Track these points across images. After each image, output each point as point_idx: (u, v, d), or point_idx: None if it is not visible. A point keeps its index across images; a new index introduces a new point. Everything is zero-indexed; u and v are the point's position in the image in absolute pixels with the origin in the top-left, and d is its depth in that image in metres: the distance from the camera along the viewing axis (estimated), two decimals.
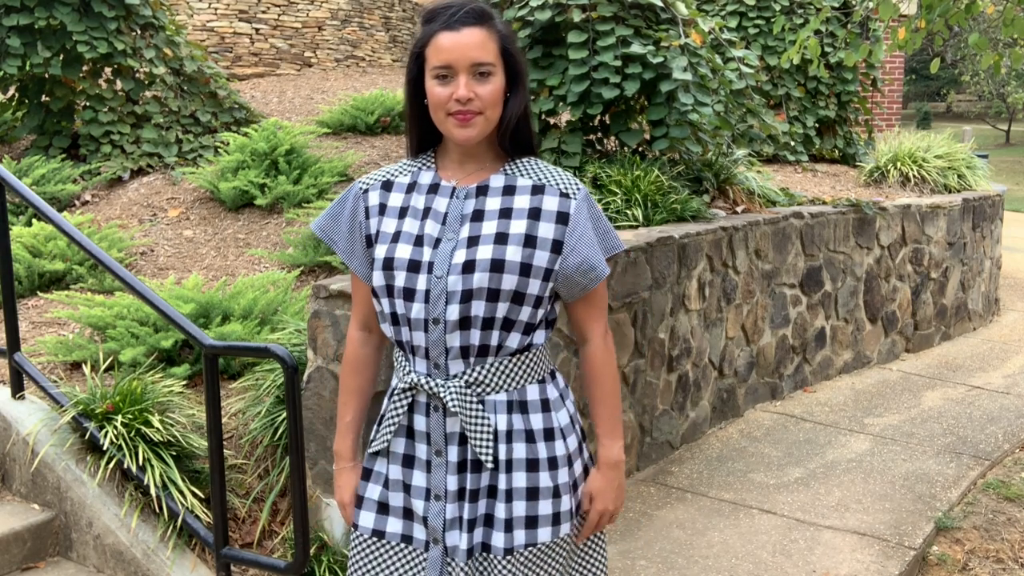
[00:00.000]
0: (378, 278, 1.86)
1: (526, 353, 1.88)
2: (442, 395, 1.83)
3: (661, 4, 5.17)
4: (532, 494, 1.86)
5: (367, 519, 1.93)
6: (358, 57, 9.77)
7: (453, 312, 1.80)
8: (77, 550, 3.23)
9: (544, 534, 1.87)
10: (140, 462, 3.11)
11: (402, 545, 1.91)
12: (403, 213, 1.88)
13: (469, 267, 1.79)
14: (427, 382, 1.85)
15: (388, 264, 1.85)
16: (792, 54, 5.03)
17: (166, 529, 3.10)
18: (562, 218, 1.85)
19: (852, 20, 6.02)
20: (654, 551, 3.55)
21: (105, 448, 3.15)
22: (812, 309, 5.72)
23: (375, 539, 1.93)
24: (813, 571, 3.43)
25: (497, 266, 1.79)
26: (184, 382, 3.58)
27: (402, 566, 1.91)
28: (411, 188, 1.91)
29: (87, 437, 3.25)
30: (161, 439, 3.17)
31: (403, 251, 1.84)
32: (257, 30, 9.08)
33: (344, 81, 8.77)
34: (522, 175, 1.88)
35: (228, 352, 2.89)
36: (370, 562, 1.94)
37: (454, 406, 1.83)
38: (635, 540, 3.63)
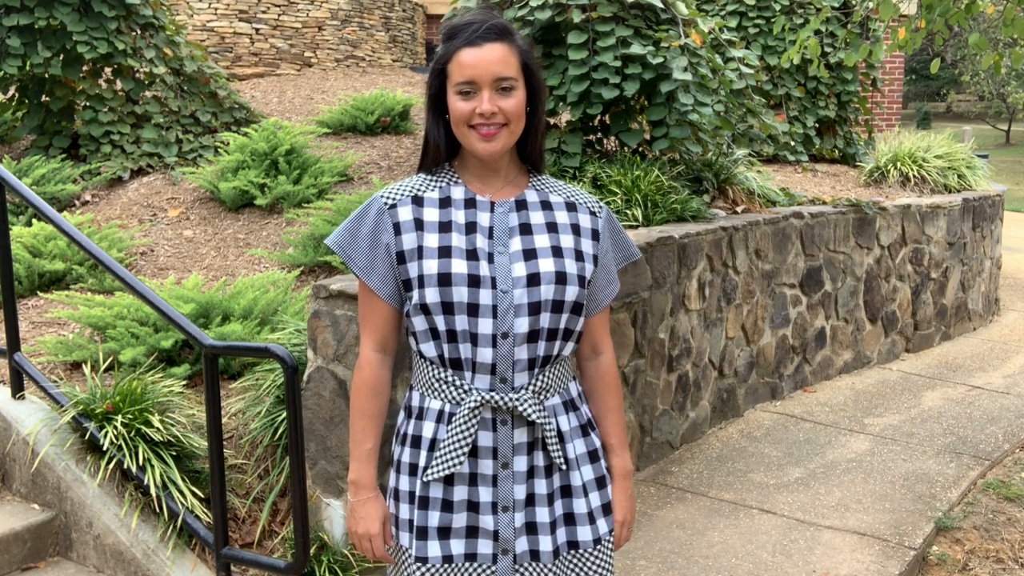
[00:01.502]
0: (432, 295, 1.80)
1: (568, 358, 1.97)
2: (519, 409, 1.83)
3: (661, 4, 5.17)
4: (601, 483, 1.96)
5: (435, 548, 1.86)
6: (358, 57, 9.76)
7: (522, 325, 1.81)
8: (77, 550, 3.23)
9: (611, 520, 1.97)
10: (140, 462, 3.11)
11: (466, 564, 1.88)
12: (445, 228, 1.85)
13: (534, 280, 1.82)
14: (495, 397, 1.82)
15: (445, 280, 1.80)
16: (792, 54, 5.03)
17: (166, 529, 3.10)
18: (595, 235, 1.94)
19: (852, 20, 6.01)
20: (654, 551, 3.55)
21: (105, 448, 3.15)
22: (812, 309, 5.72)
23: (444, 566, 1.87)
24: (813, 571, 3.43)
25: (561, 278, 1.85)
26: (184, 382, 3.58)
27: None
28: (445, 203, 1.88)
29: (87, 437, 3.25)
30: (161, 439, 3.17)
31: (459, 266, 1.81)
32: (257, 30, 9.08)
33: (344, 81, 8.77)
34: (552, 192, 1.95)
35: (228, 352, 2.89)
36: None
37: (535, 417, 1.84)
38: (635, 540, 3.63)
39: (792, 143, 7.63)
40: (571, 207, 1.94)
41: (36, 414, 3.42)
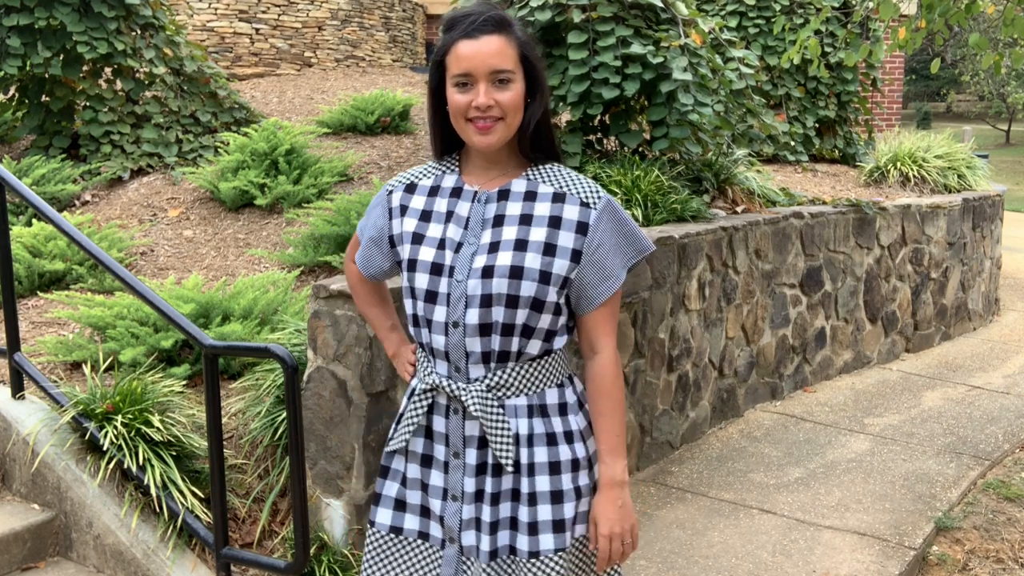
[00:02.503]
0: (404, 279, 1.91)
1: (546, 358, 1.89)
2: (463, 399, 1.84)
3: (661, 4, 5.17)
4: (556, 497, 1.86)
5: (385, 516, 1.96)
6: (358, 57, 9.76)
7: (473, 316, 1.81)
8: (77, 550, 3.23)
9: (567, 538, 1.87)
10: (140, 462, 3.10)
11: (419, 541, 1.93)
12: (426, 216, 1.91)
13: (488, 272, 1.81)
14: (448, 385, 1.86)
15: (412, 266, 1.88)
16: (792, 54, 5.03)
17: (166, 529, 3.10)
18: (581, 228, 1.85)
19: (852, 20, 6.01)
20: (654, 551, 3.55)
21: (105, 448, 3.15)
22: (812, 309, 5.72)
23: (392, 535, 1.95)
24: (813, 571, 3.43)
25: (516, 272, 1.81)
26: (184, 382, 3.58)
27: (418, 562, 1.93)
28: (434, 191, 1.93)
29: (87, 437, 3.25)
30: (161, 439, 3.17)
31: (426, 254, 1.86)
32: (257, 30, 9.08)
33: (344, 81, 8.77)
34: (544, 181, 1.89)
35: (228, 352, 2.89)
36: (386, 557, 1.96)
37: (475, 410, 1.84)
38: None
39: (792, 143, 7.63)
40: (559, 197, 1.86)
41: (36, 414, 3.42)
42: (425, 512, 1.93)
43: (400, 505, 1.95)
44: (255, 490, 3.26)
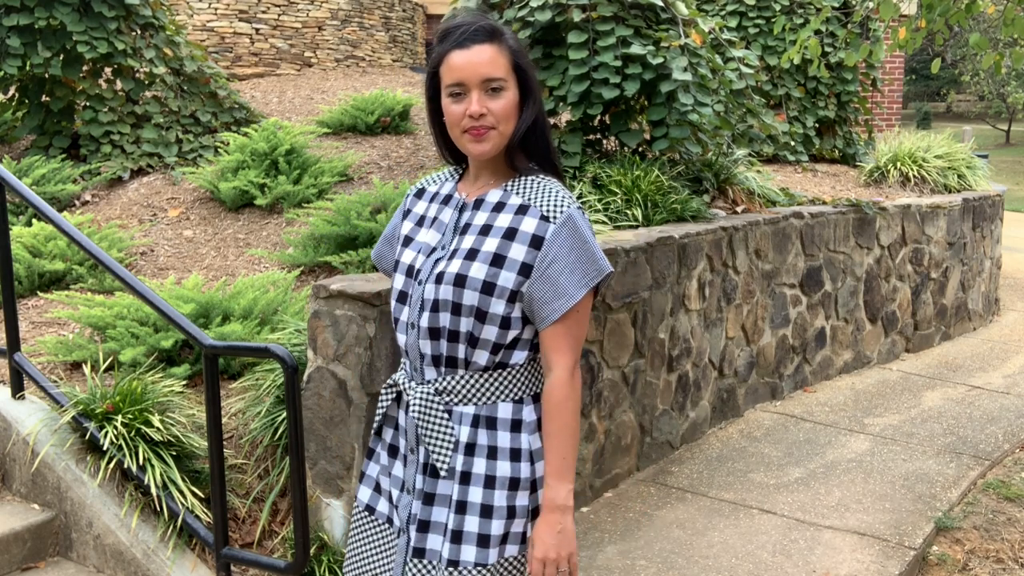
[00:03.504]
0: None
1: (500, 371, 1.87)
2: (408, 398, 1.91)
3: (661, 4, 5.17)
4: (486, 511, 1.83)
5: (364, 493, 2.04)
6: (358, 57, 9.76)
7: (424, 320, 1.87)
8: (77, 550, 3.23)
9: (493, 554, 1.84)
10: (140, 462, 3.11)
11: (386, 525, 2.00)
12: (420, 221, 1.99)
13: (439, 278, 1.86)
14: (404, 383, 1.94)
15: (396, 267, 1.98)
16: (792, 54, 5.03)
17: (166, 529, 3.10)
18: (536, 241, 1.82)
19: (852, 20, 6.01)
20: (654, 551, 3.55)
21: (105, 448, 3.15)
22: (812, 309, 5.72)
23: (366, 513, 2.03)
24: (813, 571, 3.43)
25: (460, 281, 1.83)
26: (184, 382, 3.58)
27: (382, 545, 2.00)
28: (435, 198, 2.00)
29: (87, 437, 3.25)
30: (161, 439, 3.17)
31: (407, 256, 1.95)
32: (257, 30, 9.08)
33: (344, 81, 8.77)
34: (517, 193, 1.89)
35: (228, 352, 2.89)
36: (362, 534, 2.04)
37: (414, 410, 1.90)
38: (635, 540, 3.63)
39: (792, 143, 7.63)
40: (522, 210, 1.85)
41: (36, 414, 3.42)
42: (391, 498, 2.01)
43: (377, 487, 2.03)
44: (255, 490, 3.26)
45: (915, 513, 3.94)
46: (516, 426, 1.87)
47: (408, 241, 1.98)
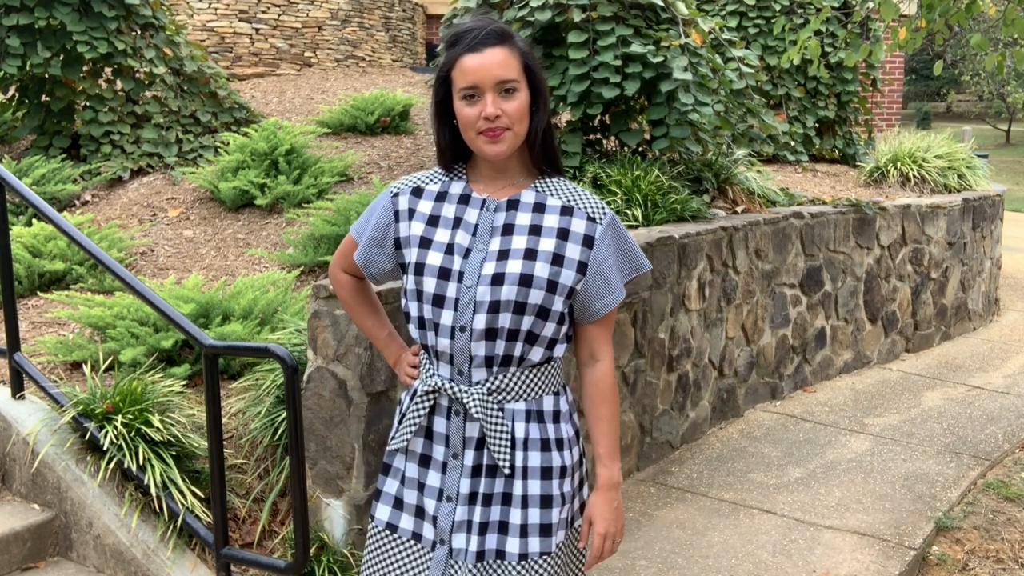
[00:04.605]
0: (410, 282, 1.94)
1: (546, 365, 1.94)
2: (465, 400, 1.89)
3: (661, 4, 5.17)
4: (546, 502, 1.92)
5: (383, 512, 2.01)
6: (358, 57, 9.76)
7: (480, 322, 1.86)
8: (77, 550, 3.23)
9: (553, 542, 1.92)
10: (140, 462, 3.10)
11: (412, 542, 1.98)
12: (433, 221, 1.95)
13: (498, 279, 1.86)
14: (450, 387, 1.91)
15: (419, 270, 1.92)
16: (792, 54, 5.03)
17: (166, 529, 3.10)
18: (588, 241, 1.91)
19: (852, 20, 6.02)
20: (654, 551, 3.55)
21: (105, 448, 3.15)
22: (812, 309, 5.72)
23: (388, 532, 2.00)
24: (813, 571, 3.43)
25: (526, 280, 1.86)
26: (184, 382, 3.58)
27: (410, 562, 1.97)
28: (441, 197, 1.97)
29: (87, 437, 3.25)
30: (161, 439, 3.17)
31: (434, 258, 1.91)
32: (257, 30, 9.08)
33: (344, 81, 8.77)
34: (552, 194, 1.95)
35: (228, 352, 2.89)
36: (382, 554, 2.01)
37: (476, 412, 1.88)
38: (635, 540, 3.63)
39: (792, 143, 7.63)
40: (567, 211, 1.93)
41: (36, 414, 3.42)
42: (420, 513, 1.97)
43: (398, 504, 2.00)
44: (255, 490, 3.26)
45: (915, 513, 3.94)
46: (557, 417, 1.96)
47: (426, 242, 1.93)
